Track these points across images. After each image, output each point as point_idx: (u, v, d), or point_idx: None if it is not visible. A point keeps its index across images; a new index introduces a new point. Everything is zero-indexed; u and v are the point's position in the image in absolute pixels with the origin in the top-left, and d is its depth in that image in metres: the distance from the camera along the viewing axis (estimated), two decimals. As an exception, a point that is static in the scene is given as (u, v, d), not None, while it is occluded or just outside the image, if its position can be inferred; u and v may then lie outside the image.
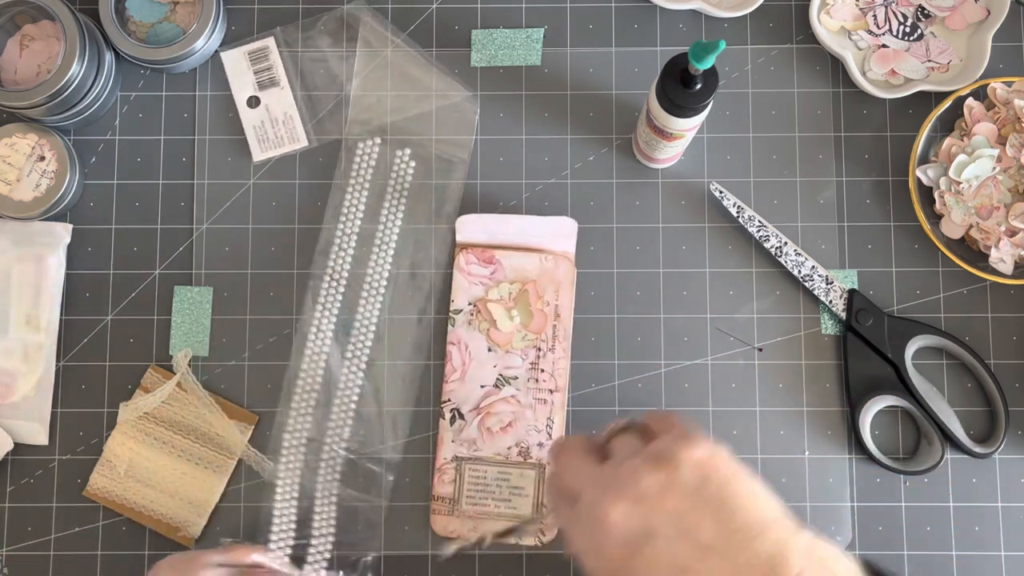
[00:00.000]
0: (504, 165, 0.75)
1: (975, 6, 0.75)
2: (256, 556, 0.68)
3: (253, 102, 0.74)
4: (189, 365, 0.73)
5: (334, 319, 0.73)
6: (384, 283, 0.73)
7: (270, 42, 0.75)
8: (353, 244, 0.73)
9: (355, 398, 0.73)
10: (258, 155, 0.74)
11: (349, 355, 0.73)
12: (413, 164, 0.75)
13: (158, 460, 0.72)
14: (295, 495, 0.71)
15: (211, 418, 0.72)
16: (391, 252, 0.73)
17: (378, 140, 0.74)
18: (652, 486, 0.48)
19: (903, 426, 0.73)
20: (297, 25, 0.76)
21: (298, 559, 0.71)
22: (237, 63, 0.75)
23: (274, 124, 0.74)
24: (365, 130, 0.75)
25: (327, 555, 0.71)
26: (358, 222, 0.74)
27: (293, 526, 0.71)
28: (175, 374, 0.72)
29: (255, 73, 0.75)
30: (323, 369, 0.73)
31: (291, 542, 0.70)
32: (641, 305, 0.74)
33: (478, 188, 0.75)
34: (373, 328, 0.73)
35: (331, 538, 0.71)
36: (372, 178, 0.74)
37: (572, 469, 0.52)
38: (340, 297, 0.73)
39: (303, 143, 0.75)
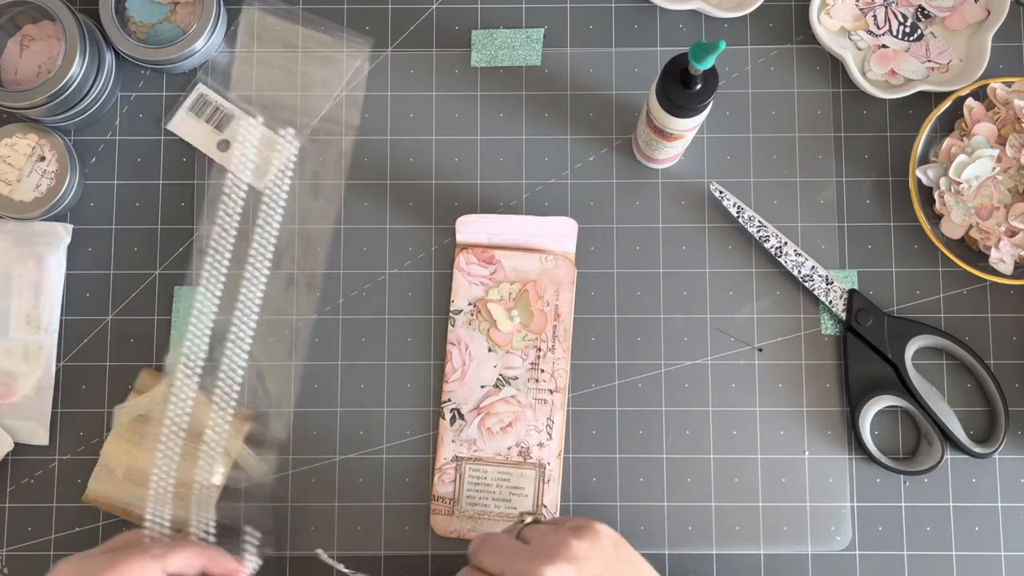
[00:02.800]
0: (504, 165, 0.75)
1: (975, 6, 0.75)
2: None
3: (223, 145, 0.75)
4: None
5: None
6: (263, 280, 0.72)
7: (200, 88, 0.75)
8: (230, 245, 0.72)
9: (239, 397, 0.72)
10: (262, 185, 0.74)
11: (228, 353, 0.71)
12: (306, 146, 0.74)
13: (155, 462, 0.72)
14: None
15: (206, 419, 0.72)
16: (271, 248, 0.72)
17: (291, 129, 0.74)
18: (580, 549, 0.58)
19: (903, 426, 0.73)
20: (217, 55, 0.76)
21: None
22: (187, 124, 0.75)
23: (257, 150, 0.74)
24: (266, 122, 0.75)
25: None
26: (236, 218, 0.73)
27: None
28: (168, 375, 0.72)
29: (207, 121, 0.75)
30: (198, 376, 0.72)
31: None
32: (641, 305, 0.74)
33: (478, 188, 0.75)
34: (252, 328, 0.72)
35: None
36: (257, 160, 0.73)
37: (500, 551, 0.58)
38: (221, 285, 0.72)
39: (291, 150, 0.75)
